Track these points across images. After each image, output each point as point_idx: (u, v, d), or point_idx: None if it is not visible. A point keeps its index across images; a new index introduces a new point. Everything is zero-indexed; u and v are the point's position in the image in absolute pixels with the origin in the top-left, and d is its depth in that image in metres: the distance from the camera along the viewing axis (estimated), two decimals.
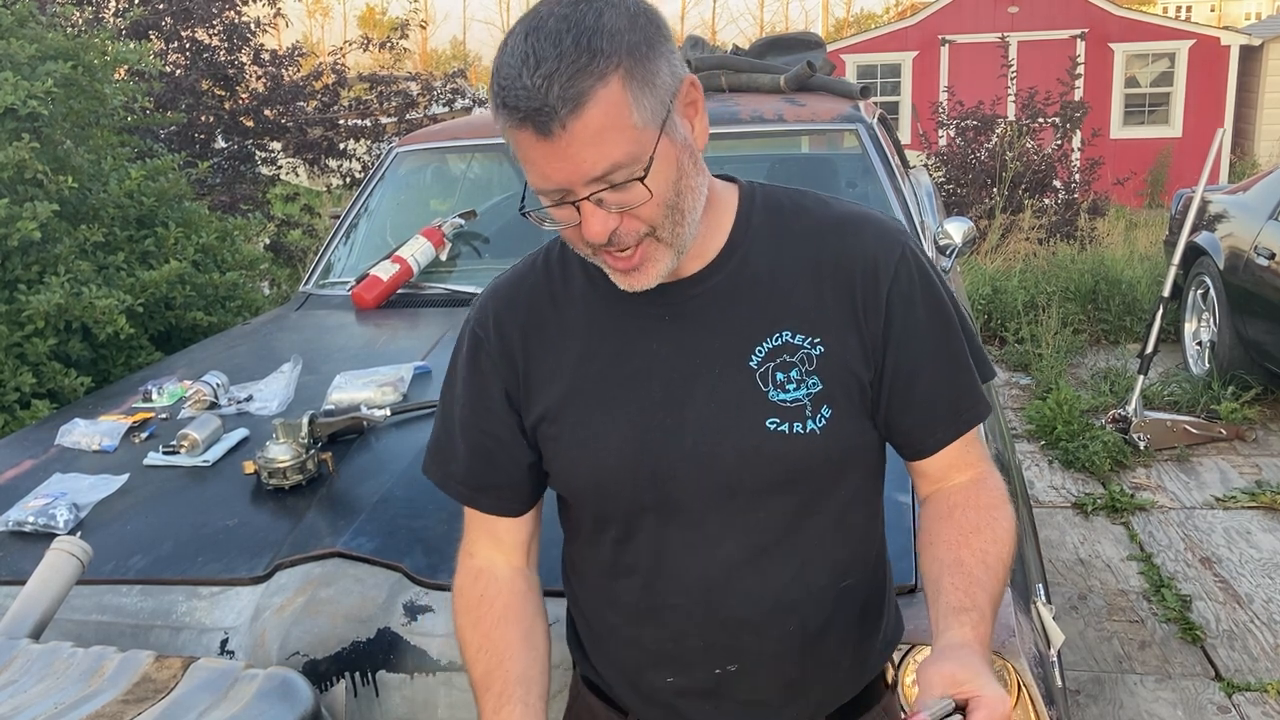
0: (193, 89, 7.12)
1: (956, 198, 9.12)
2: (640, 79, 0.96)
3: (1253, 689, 2.98)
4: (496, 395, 1.16)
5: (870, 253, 1.11)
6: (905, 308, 1.10)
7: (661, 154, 0.98)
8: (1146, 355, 4.96)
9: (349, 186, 8.04)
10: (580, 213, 0.99)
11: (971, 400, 1.15)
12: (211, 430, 2.13)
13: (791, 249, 1.12)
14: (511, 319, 1.16)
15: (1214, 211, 5.72)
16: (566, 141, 0.94)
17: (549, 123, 0.93)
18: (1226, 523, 4.07)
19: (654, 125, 0.98)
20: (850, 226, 1.13)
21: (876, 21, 39.34)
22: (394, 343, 2.71)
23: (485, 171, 3.98)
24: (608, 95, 0.94)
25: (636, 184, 0.97)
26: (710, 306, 1.11)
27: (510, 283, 1.20)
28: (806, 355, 1.08)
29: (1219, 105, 13.27)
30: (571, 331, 1.14)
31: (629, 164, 0.96)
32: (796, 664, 1.16)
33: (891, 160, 3.33)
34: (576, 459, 1.13)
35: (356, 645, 1.51)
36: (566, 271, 1.16)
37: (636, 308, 1.11)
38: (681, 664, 1.16)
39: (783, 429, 1.07)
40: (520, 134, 0.96)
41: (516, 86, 0.94)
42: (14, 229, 3.22)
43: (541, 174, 0.98)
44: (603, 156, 0.95)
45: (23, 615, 1.41)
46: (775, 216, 1.14)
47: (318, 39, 43.86)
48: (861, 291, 1.10)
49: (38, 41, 3.60)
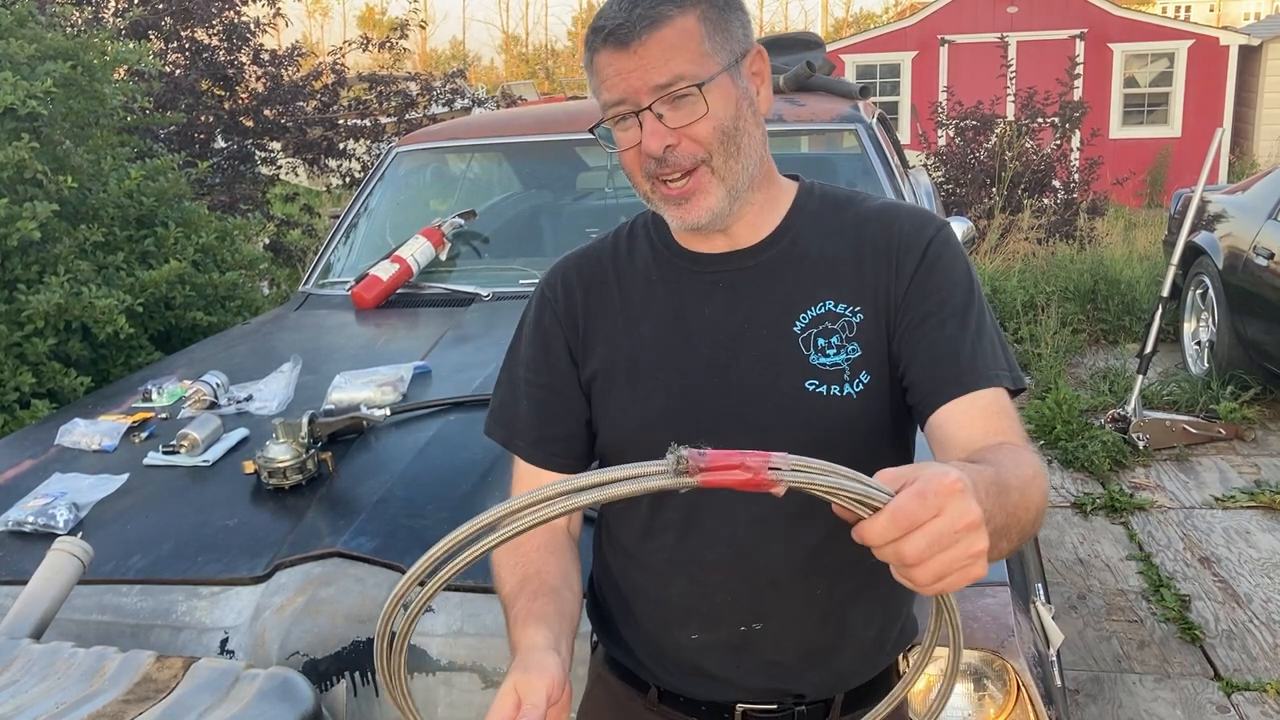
0: (192, 89, 7.12)
1: (956, 198, 9.12)
2: (714, 21, 1.10)
3: (1252, 689, 2.98)
4: (559, 350, 1.25)
5: (907, 229, 1.18)
6: (926, 270, 1.16)
7: (722, 84, 1.10)
8: (1145, 355, 4.96)
9: (348, 186, 8.04)
10: (643, 127, 1.09)
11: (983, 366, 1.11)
12: (211, 430, 2.13)
13: (839, 233, 1.20)
14: (578, 280, 1.26)
15: (1213, 211, 5.72)
16: (641, 53, 1.07)
17: (628, 35, 1.07)
18: (1225, 522, 4.07)
19: (721, 61, 1.10)
20: (892, 211, 1.21)
21: (876, 21, 39.35)
22: (394, 342, 2.71)
23: (485, 171, 3.98)
24: (683, 22, 1.08)
25: (696, 99, 1.08)
26: (760, 277, 1.19)
27: (581, 252, 1.30)
28: (847, 323, 1.15)
29: (1218, 105, 13.28)
30: (630, 296, 1.23)
31: (691, 79, 1.08)
32: (819, 629, 1.19)
33: (891, 160, 3.33)
34: (626, 413, 1.19)
35: (356, 645, 1.52)
36: (633, 245, 1.27)
37: (693, 276, 1.21)
38: (708, 620, 1.19)
39: (820, 390, 1.13)
40: (603, 54, 1.10)
41: (608, 13, 1.10)
42: (14, 229, 3.22)
43: (613, 87, 1.10)
44: (668, 68, 1.07)
45: (24, 615, 1.41)
46: (828, 207, 1.23)
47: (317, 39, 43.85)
48: (896, 262, 1.17)
49: (37, 41, 3.60)
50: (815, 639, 1.20)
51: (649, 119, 1.09)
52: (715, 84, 1.09)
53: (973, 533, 0.75)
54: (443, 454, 1.99)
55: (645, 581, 1.23)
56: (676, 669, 1.23)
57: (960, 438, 1.07)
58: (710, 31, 1.10)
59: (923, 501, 0.74)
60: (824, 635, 1.20)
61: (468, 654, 1.52)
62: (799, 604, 1.18)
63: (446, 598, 1.58)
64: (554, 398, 1.24)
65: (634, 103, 1.09)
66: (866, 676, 1.24)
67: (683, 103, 1.08)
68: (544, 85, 30.71)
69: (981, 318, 1.15)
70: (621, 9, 1.08)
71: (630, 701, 1.28)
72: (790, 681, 1.21)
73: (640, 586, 1.24)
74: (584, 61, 1.14)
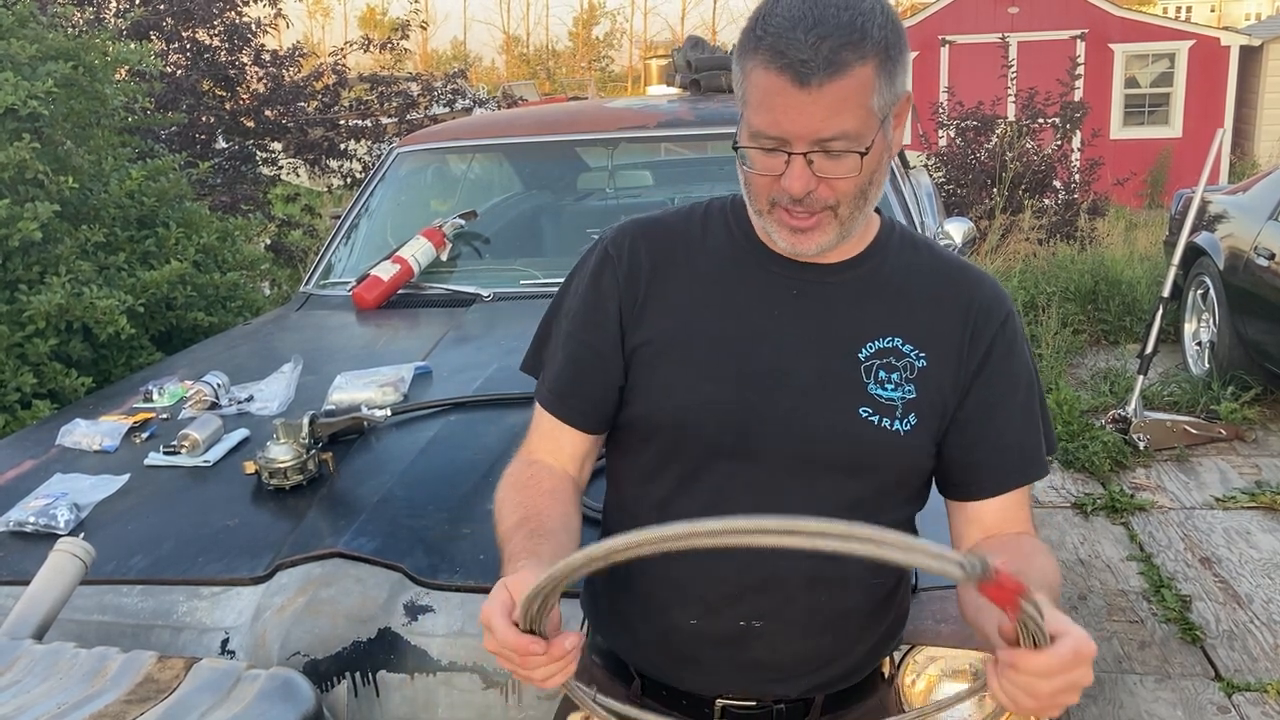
0: (193, 89, 7.12)
1: (956, 198, 9.12)
2: (887, 73, 1.07)
3: (1252, 689, 2.98)
4: (611, 311, 1.23)
5: (987, 298, 1.22)
6: (1003, 353, 1.20)
7: (878, 143, 1.09)
8: (1146, 355, 4.96)
9: (349, 187, 8.04)
10: (789, 166, 1.08)
11: (1038, 456, 1.23)
12: (212, 430, 2.13)
13: (920, 273, 1.23)
14: (646, 247, 1.24)
15: (1214, 212, 5.72)
16: (814, 98, 1.04)
17: (810, 76, 1.03)
18: (1226, 523, 4.07)
19: (880, 117, 1.09)
20: (974, 274, 1.25)
21: None
22: (394, 343, 2.71)
23: (485, 172, 3.98)
24: (863, 73, 1.05)
25: (852, 157, 1.08)
26: (838, 296, 1.20)
27: (655, 219, 1.29)
28: (910, 364, 1.18)
29: (1219, 106, 13.27)
30: (699, 277, 1.22)
31: (852, 139, 1.07)
32: (817, 638, 1.20)
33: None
34: (668, 392, 1.19)
35: (357, 645, 1.52)
36: (709, 226, 1.25)
37: (770, 276, 1.21)
38: (710, 608, 1.19)
39: (872, 419, 1.15)
40: (773, 78, 1.05)
41: (789, 37, 1.04)
42: (15, 229, 3.23)
43: (774, 120, 1.06)
44: (837, 123, 1.05)
45: (26, 616, 1.41)
46: (909, 244, 1.26)
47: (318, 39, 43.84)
48: (972, 328, 1.20)
49: (38, 41, 3.60)
50: (811, 647, 1.20)
51: (799, 164, 1.08)
52: (874, 142, 1.09)
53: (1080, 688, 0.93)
54: (443, 454, 1.99)
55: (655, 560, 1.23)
56: (667, 654, 1.23)
57: (988, 520, 1.22)
58: (881, 86, 1.07)
59: (1076, 659, 0.90)
60: (820, 644, 1.20)
61: (468, 654, 1.52)
62: (801, 610, 1.19)
63: (447, 598, 1.58)
64: (593, 358, 1.23)
65: (790, 145, 1.07)
66: (850, 682, 1.25)
67: (838, 156, 1.08)
68: (545, 86, 30.72)
69: (1035, 402, 1.23)
70: (807, 42, 1.03)
71: (614, 692, 1.28)
72: (778, 684, 1.21)
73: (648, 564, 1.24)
74: (742, 54, 1.09)
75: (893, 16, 1.08)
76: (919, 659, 1.45)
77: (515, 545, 1.13)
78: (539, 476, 1.24)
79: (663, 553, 1.21)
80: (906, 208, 3.09)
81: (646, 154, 3.52)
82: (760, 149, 1.09)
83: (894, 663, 1.36)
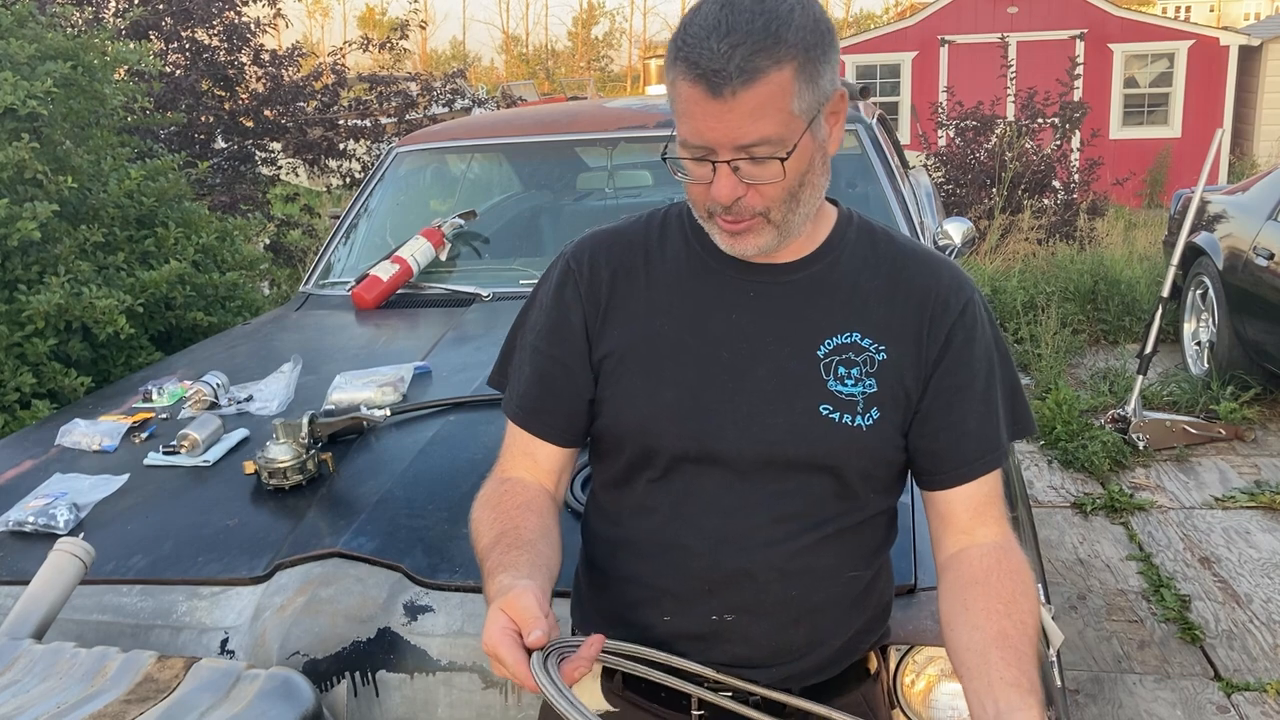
0: (193, 89, 7.12)
1: (956, 198, 9.12)
2: (808, 76, 1.07)
3: (1252, 689, 2.98)
4: (575, 324, 1.23)
5: (945, 287, 1.21)
6: (962, 342, 1.20)
7: (803, 145, 1.09)
8: (1145, 355, 4.96)
9: (349, 187, 8.04)
10: (715, 174, 1.09)
11: (995, 446, 1.22)
12: (211, 430, 2.13)
13: (876, 266, 1.22)
14: (606, 258, 1.25)
15: (1213, 212, 5.72)
16: (730, 107, 1.04)
17: (722, 86, 1.04)
18: (1226, 523, 4.08)
19: (805, 119, 1.08)
20: (933, 261, 1.24)
21: (876, 22, 39.32)
22: (394, 343, 2.71)
23: (485, 172, 3.98)
24: (779, 79, 1.04)
25: (775, 163, 1.08)
26: (794, 295, 1.20)
27: (612, 230, 1.29)
28: (869, 358, 1.17)
29: (1218, 105, 13.28)
30: (657, 284, 1.22)
31: (775, 144, 1.07)
32: (790, 630, 1.20)
33: (891, 161, 3.33)
34: (632, 399, 1.20)
35: (357, 645, 1.52)
36: (666, 234, 1.26)
37: (726, 279, 1.21)
38: (681, 604, 1.20)
39: (833, 416, 1.15)
40: (690, 88, 1.06)
41: (702, 47, 1.04)
42: (14, 229, 3.23)
43: (696, 130, 1.07)
44: (756, 129, 1.05)
45: (26, 616, 1.41)
46: (867, 236, 1.25)
47: (317, 39, 43.86)
48: (930, 317, 1.19)
49: (37, 41, 3.60)
50: (785, 640, 1.21)
51: (724, 172, 1.08)
52: (798, 146, 1.08)
53: None
54: (443, 454, 1.99)
55: (626, 558, 1.24)
56: None
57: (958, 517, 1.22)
58: (801, 88, 1.06)
59: None
60: (794, 637, 1.21)
61: (468, 654, 1.52)
62: (773, 603, 1.19)
63: (446, 598, 1.58)
64: (561, 371, 1.24)
65: (712, 152, 1.08)
66: (827, 675, 1.25)
67: (762, 163, 1.08)
68: (544, 85, 30.73)
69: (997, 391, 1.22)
70: (719, 52, 1.03)
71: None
72: (754, 676, 1.21)
73: (621, 563, 1.25)
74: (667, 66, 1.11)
75: (815, 15, 1.07)
76: (919, 659, 1.45)
77: (493, 561, 1.13)
78: (513, 491, 1.24)
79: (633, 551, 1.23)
80: (906, 208, 3.09)
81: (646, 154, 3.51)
82: (690, 158, 1.10)
83: (881, 658, 1.36)
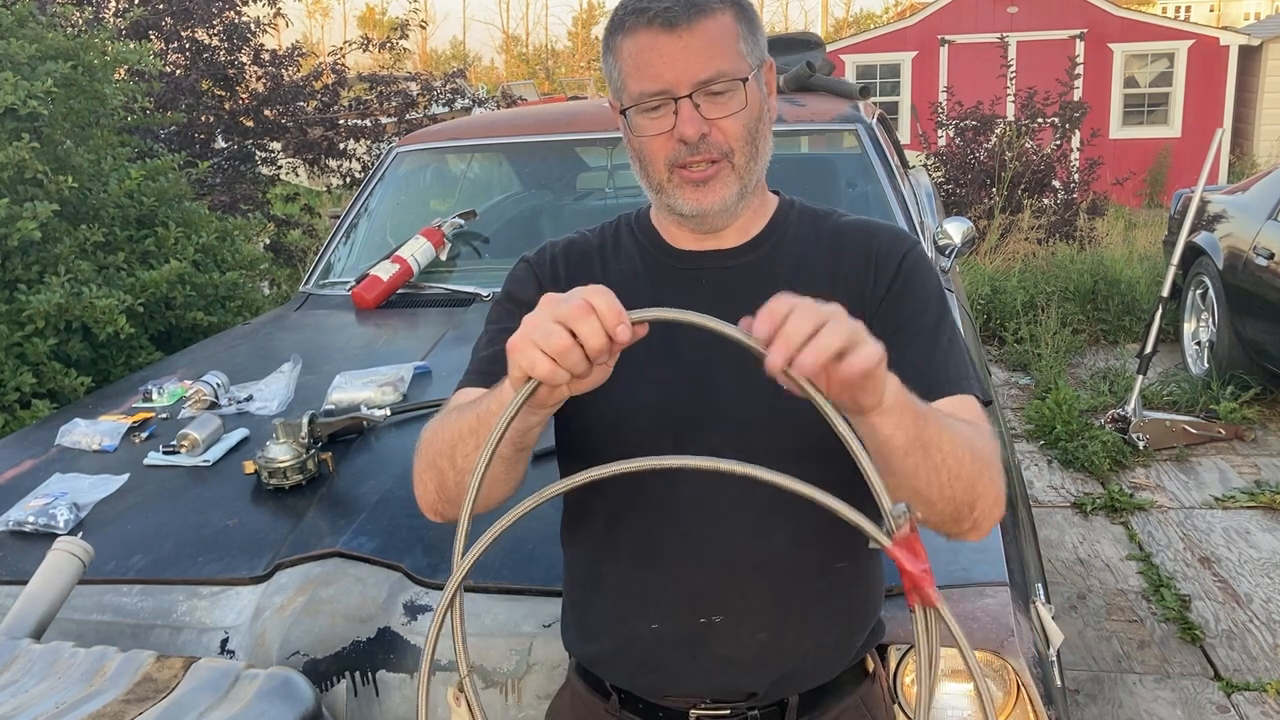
0: (193, 89, 7.12)
1: (956, 198, 9.12)
2: (747, 24, 1.14)
3: (1252, 688, 2.98)
4: None
5: (885, 244, 1.23)
6: (905, 282, 1.20)
7: (753, 85, 1.14)
8: (1145, 355, 4.96)
9: (349, 186, 8.04)
10: (679, 114, 1.11)
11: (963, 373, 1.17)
12: (211, 430, 2.13)
13: (820, 244, 1.24)
14: (564, 260, 1.27)
15: (1213, 211, 5.72)
16: (685, 40, 1.09)
17: (676, 19, 1.09)
18: (1225, 522, 4.08)
19: (751, 62, 1.14)
20: (872, 226, 1.26)
21: (876, 22, 39.35)
22: (394, 343, 2.71)
23: (485, 171, 3.98)
24: (724, 18, 1.12)
25: (735, 96, 1.11)
26: (742, 278, 1.21)
27: (568, 240, 1.31)
28: None
29: (1218, 105, 13.27)
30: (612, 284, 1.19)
31: (732, 76, 1.11)
32: (778, 628, 1.19)
33: (891, 160, 3.33)
34: (601, 408, 1.16)
35: (357, 645, 1.52)
36: (619, 240, 1.28)
37: (675, 271, 1.22)
38: (667, 610, 1.19)
39: None
40: (643, 36, 1.10)
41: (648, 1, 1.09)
42: (14, 229, 3.23)
43: (655, 74, 1.10)
44: (712, 63, 1.10)
45: (24, 615, 1.41)
46: (810, 216, 1.27)
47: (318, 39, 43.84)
48: (874, 273, 1.20)
49: (38, 41, 3.60)
50: (773, 638, 1.20)
51: (687, 107, 1.10)
52: (750, 83, 1.13)
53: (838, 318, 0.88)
54: None
55: (608, 569, 1.23)
56: (632, 662, 1.23)
57: None
58: (744, 32, 1.13)
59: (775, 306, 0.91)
60: (782, 635, 1.20)
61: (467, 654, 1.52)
62: (759, 602, 1.19)
63: None
64: None
65: (674, 92, 1.10)
66: (823, 679, 1.24)
67: (721, 97, 1.11)
68: (544, 85, 30.72)
69: (953, 333, 1.21)
70: None
71: (594, 706, 1.28)
72: (745, 680, 1.21)
73: (603, 574, 1.24)
74: (607, 45, 1.14)
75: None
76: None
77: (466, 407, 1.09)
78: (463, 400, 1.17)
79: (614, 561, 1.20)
80: (906, 208, 3.09)
81: None
82: (648, 113, 1.12)
83: (879, 659, 1.36)
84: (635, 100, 1.13)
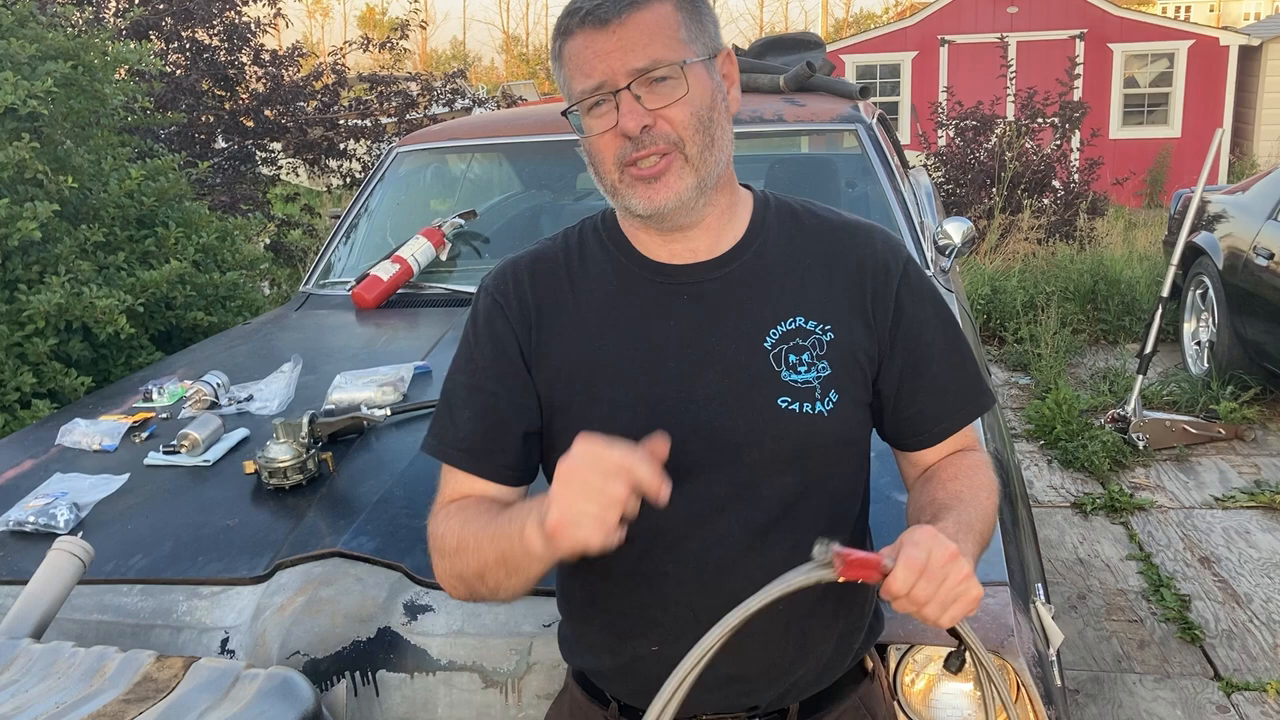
0: (193, 89, 7.12)
1: (956, 198, 9.12)
2: (689, 12, 1.12)
3: (1251, 688, 2.98)
4: (512, 355, 1.18)
5: (880, 253, 1.20)
6: (914, 303, 1.19)
7: (699, 71, 1.11)
8: (1145, 355, 4.96)
9: (349, 186, 8.04)
10: (619, 108, 1.08)
11: (979, 389, 1.23)
12: (212, 430, 2.13)
13: (804, 245, 1.20)
14: (530, 283, 1.21)
15: (1213, 212, 5.72)
16: (618, 34, 1.08)
17: (607, 16, 1.08)
18: (1225, 522, 4.08)
19: (697, 50, 1.11)
20: (860, 230, 1.23)
21: (876, 22, 39.33)
22: (394, 343, 2.71)
23: (485, 171, 3.98)
24: (662, 9, 1.10)
25: (675, 81, 1.09)
26: (727, 290, 1.17)
27: (529, 256, 1.24)
28: (818, 340, 1.15)
29: (1218, 105, 13.27)
30: (587, 306, 1.18)
31: (670, 63, 1.09)
32: (780, 644, 1.18)
33: (891, 160, 3.33)
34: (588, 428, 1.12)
35: (357, 645, 1.52)
36: (585, 250, 1.22)
37: (655, 287, 1.17)
38: (668, 632, 1.17)
39: (793, 408, 1.13)
40: (578, 38, 1.10)
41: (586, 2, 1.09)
42: (14, 229, 3.23)
43: (591, 69, 1.09)
44: (646, 52, 1.08)
45: (24, 615, 1.41)
46: (788, 217, 1.22)
47: (318, 39, 43.83)
48: (872, 287, 1.18)
49: (38, 41, 3.60)
50: (775, 654, 1.18)
51: (627, 99, 1.08)
52: (693, 69, 1.10)
53: (954, 561, 0.96)
54: None
55: (607, 591, 1.20)
56: (634, 680, 1.21)
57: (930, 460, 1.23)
58: (686, 21, 1.11)
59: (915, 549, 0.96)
60: (784, 650, 1.18)
61: (468, 654, 1.52)
62: (760, 620, 1.14)
63: (447, 597, 1.58)
64: (506, 405, 1.17)
65: (611, 85, 1.08)
66: (823, 684, 1.23)
67: (661, 85, 1.09)
68: (544, 85, 30.69)
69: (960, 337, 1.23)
70: None
71: (593, 714, 1.27)
72: (749, 696, 1.20)
73: (602, 596, 1.21)
74: (554, 54, 1.13)
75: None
76: (918, 658, 1.45)
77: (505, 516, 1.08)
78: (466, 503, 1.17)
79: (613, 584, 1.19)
80: (906, 208, 3.09)
81: None
82: (591, 110, 1.11)
83: (878, 658, 1.36)
84: (577, 99, 1.11)
